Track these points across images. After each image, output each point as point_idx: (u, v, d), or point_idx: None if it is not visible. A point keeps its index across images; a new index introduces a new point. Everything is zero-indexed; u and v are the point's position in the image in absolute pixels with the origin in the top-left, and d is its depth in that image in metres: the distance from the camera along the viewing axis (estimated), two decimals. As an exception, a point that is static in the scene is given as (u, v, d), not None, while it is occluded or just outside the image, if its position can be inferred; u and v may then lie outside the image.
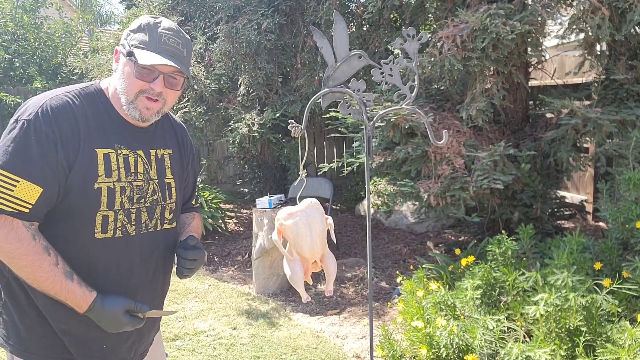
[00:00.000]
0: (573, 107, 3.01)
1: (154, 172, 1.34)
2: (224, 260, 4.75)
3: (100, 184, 1.21)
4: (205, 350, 3.01)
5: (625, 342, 1.92)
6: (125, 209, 1.26)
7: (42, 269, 1.14)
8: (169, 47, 1.23)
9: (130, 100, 1.24)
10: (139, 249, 1.31)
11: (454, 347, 2.28)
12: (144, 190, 1.30)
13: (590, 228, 4.57)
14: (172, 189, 1.39)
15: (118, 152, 1.25)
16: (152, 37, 1.22)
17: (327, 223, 1.44)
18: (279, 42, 5.19)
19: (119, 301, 1.21)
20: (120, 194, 1.24)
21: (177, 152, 1.45)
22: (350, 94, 1.69)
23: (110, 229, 1.24)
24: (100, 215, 1.21)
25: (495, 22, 2.93)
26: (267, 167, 6.25)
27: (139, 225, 1.29)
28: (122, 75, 1.24)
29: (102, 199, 1.21)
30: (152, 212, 1.32)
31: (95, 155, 1.21)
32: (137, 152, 1.30)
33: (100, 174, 1.21)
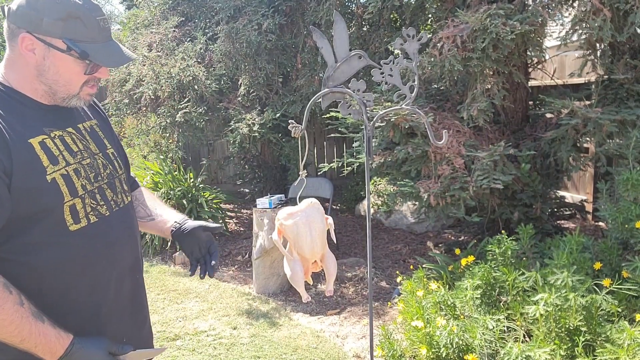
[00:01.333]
0: (573, 107, 3.01)
1: (94, 146, 1.22)
2: (224, 260, 4.75)
3: (52, 175, 1.08)
4: (206, 350, 3.02)
5: (625, 342, 1.93)
6: (89, 191, 1.15)
7: (4, 310, 0.97)
8: (107, 32, 1.14)
9: (74, 93, 1.15)
10: (120, 227, 1.22)
11: (454, 347, 2.29)
12: (95, 167, 1.19)
13: (590, 228, 4.57)
14: (117, 159, 1.30)
15: (51, 135, 1.12)
16: (92, 27, 1.10)
17: (327, 223, 1.45)
18: (279, 42, 5.19)
19: (102, 342, 1.09)
20: (76, 177, 1.12)
21: (102, 120, 1.34)
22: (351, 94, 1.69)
23: (82, 216, 1.12)
24: (67, 206, 1.09)
25: (495, 22, 2.93)
26: (268, 167, 6.26)
27: (108, 204, 1.19)
28: (58, 71, 1.11)
29: (62, 190, 1.08)
30: (113, 187, 1.23)
31: (30, 147, 1.06)
32: (67, 130, 1.17)
33: (47, 165, 1.07)
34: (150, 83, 5.22)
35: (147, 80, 5.26)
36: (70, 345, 1.04)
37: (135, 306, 1.29)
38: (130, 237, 1.26)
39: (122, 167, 1.31)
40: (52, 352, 1.02)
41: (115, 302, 1.20)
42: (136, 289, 1.29)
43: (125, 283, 1.23)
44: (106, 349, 1.08)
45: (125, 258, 1.23)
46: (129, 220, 1.27)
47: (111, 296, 1.19)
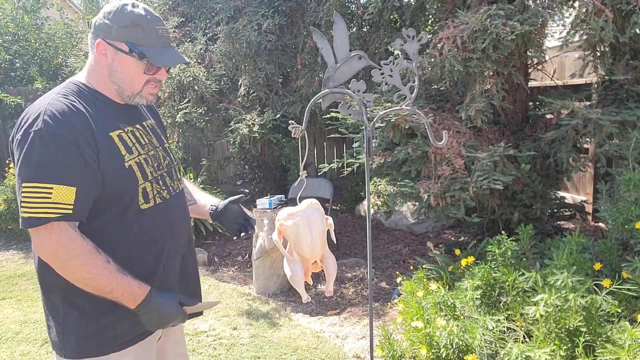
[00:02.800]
0: (573, 107, 3.01)
1: (155, 141, 1.45)
2: (224, 261, 4.75)
3: (129, 162, 1.30)
4: (206, 351, 3.02)
5: (625, 342, 1.93)
6: (155, 177, 1.37)
7: (97, 266, 1.20)
8: (165, 40, 1.34)
9: (137, 91, 1.36)
10: (177, 209, 1.45)
11: (454, 347, 2.29)
12: (157, 158, 1.42)
13: (590, 228, 4.57)
14: (172, 153, 1.53)
15: (125, 129, 1.35)
16: (151, 34, 1.31)
17: (327, 223, 1.45)
18: (279, 42, 5.20)
19: (173, 294, 1.33)
20: (146, 165, 1.35)
21: (158, 121, 1.59)
22: (351, 94, 1.69)
23: (151, 197, 1.35)
24: (141, 188, 1.32)
25: (495, 22, 2.93)
26: (268, 167, 6.26)
27: (168, 189, 1.42)
28: (125, 71, 1.32)
29: (137, 175, 1.31)
30: (171, 175, 1.46)
31: (111, 139, 1.29)
32: (135, 126, 1.40)
33: (124, 154, 1.30)
34: (150, 83, 5.21)
35: (148, 81, 5.25)
36: (149, 293, 1.27)
37: (183, 276, 1.48)
38: (184, 217, 1.49)
39: (176, 160, 1.54)
40: (135, 298, 1.25)
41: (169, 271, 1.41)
42: (185, 262, 1.49)
43: (177, 256, 1.44)
44: (177, 298, 1.32)
45: (181, 235, 1.45)
46: (183, 204, 1.51)
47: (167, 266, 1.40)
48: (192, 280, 1.55)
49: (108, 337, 1.31)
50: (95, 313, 1.29)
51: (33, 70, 7.62)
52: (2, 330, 3.35)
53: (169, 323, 1.31)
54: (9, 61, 7.75)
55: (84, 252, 1.20)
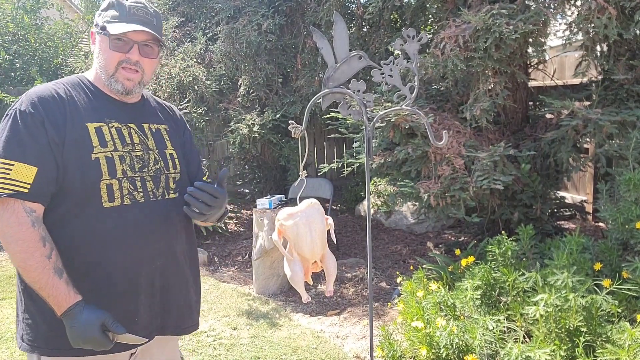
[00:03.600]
0: (573, 107, 3.01)
1: (152, 143, 1.39)
2: (224, 261, 4.75)
3: (97, 154, 1.25)
4: (206, 351, 3.02)
5: (625, 342, 1.92)
6: (129, 176, 1.29)
7: (34, 257, 1.15)
8: (138, 17, 1.30)
9: (111, 73, 1.31)
10: (152, 216, 1.32)
11: (454, 348, 2.29)
12: (144, 160, 1.34)
13: (590, 228, 4.57)
14: (176, 160, 1.43)
15: (109, 125, 1.31)
16: (122, 10, 1.30)
17: (327, 223, 1.45)
18: (279, 42, 5.19)
19: (101, 314, 1.19)
20: (120, 162, 1.28)
21: (174, 127, 1.50)
22: (351, 94, 1.69)
23: (117, 197, 1.27)
24: (104, 184, 1.25)
25: (498, 22, 2.93)
26: (267, 167, 6.26)
27: (145, 193, 1.32)
28: (100, 52, 1.31)
29: (102, 168, 1.25)
30: (157, 180, 1.36)
31: (86, 129, 1.26)
32: (128, 125, 1.35)
33: (95, 145, 1.25)
34: (150, 83, 5.22)
35: (147, 81, 5.25)
36: (73, 306, 1.17)
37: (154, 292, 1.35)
38: (161, 226, 1.35)
39: (178, 168, 1.43)
40: (59, 306, 1.17)
41: (132, 282, 1.29)
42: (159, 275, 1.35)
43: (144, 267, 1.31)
44: (100, 320, 1.18)
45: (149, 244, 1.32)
46: (165, 213, 1.36)
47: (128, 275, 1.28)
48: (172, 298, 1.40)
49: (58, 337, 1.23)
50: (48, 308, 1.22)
51: (33, 71, 7.61)
52: (2, 330, 3.35)
53: (86, 344, 1.18)
54: (9, 61, 7.75)
55: (26, 239, 1.15)
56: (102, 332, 1.18)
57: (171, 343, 1.53)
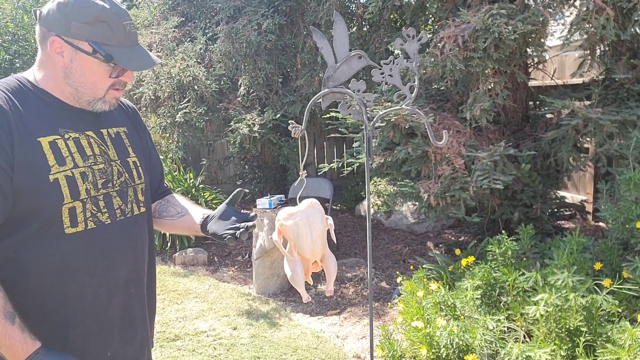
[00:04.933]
0: (574, 107, 3.01)
1: (113, 153, 1.22)
2: (224, 261, 4.75)
3: (55, 175, 1.07)
4: (206, 351, 3.01)
5: (626, 342, 1.92)
6: (92, 196, 1.13)
7: None
8: (133, 38, 1.15)
9: (100, 97, 1.16)
10: (119, 238, 1.18)
11: (454, 347, 2.29)
12: (108, 173, 1.18)
13: (590, 228, 4.57)
14: (139, 168, 1.27)
15: (65, 136, 1.13)
16: (117, 30, 1.11)
17: (327, 223, 1.44)
18: (279, 42, 5.19)
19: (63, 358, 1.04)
20: (82, 180, 1.12)
21: (133, 129, 1.33)
22: (351, 94, 1.69)
23: (80, 221, 1.11)
24: (66, 208, 1.08)
25: (497, 22, 2.93)
26: (267, 167, 6.25)
27: (112, 212, 1.17)
28: (84, 73, 1.12)
29: (63, 191, 1.08)
30: (124, 195, 1.20)
31: (39, 145, 1.07)
32: (86, 133, 1.17)
33: (52, 164, 1.08)
34: (150, 83, 5.22)
35: (147, 81, 5.26)
36: (34, 354, 1.01)
37: (126, 322, 1.22)
38: (130, 248, 1.21)
39: (143, 177, 1.28)
40: (15, 356, 1.00)
41: (102, 314, 1.16)
42: (130, 303, 1.22)
43: (116, 296, 1.18)
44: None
45: (120, 270, 1.18)
46: (134, 231, 1.23)
47: (98, 307, 1.15)
48: (138, 327, 1.27)
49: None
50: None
51: (33, 70, 7.60)
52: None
53: None
54: (8, 61, 7.75)
55: None
56: None
57: None
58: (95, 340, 1.16)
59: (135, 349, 1.26)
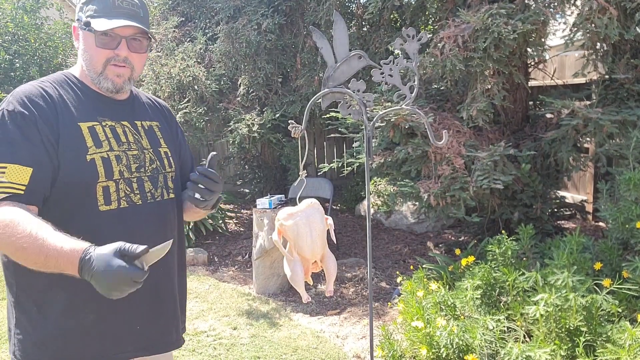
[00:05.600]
0: (574, 107, 3.01)
1: (146, 142, 1.32)
2: (224, 261, 4.75)
3: (92, 155, 1.19)
4: (206, 351, 3.01)
5: (626, 342, 1.92)
6: (126, 178, 1.23)
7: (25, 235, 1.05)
8: (124, 10, 1.23)
9: (99, 71, 1.24)
10: (150, 218, 1.27)
11: (454, 347, 2.28)
12: (141, 159, 1.28)
13: (590, 228, 4.57)
14: (170, 158, 1.37)
15: (103, 123, 1.24)
16: (105, 3, 1.21)
17: (327, 223, 1.44)
18: (278, 42, 5.19)
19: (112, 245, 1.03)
20: (116, 162, 1.22)
21: (166, 124, 1.43)
22: (350, 94, 1.69)
23: (114, 199, 1.21)
24: (101, 186, 1.19)
25: (497, 22, 2.93)
26: (267, 167, 6.25)
27: (143, 194, 1.26)
28: (85, 49, 1.24)
29: (98, 170, 1.19)
30: (155, 180, 1.30)
31: (79, 129, 1.20)
32: (122, 122, 1.29)
33: (90, 146, 1.19)
34: (150, 83, 5.22)
35: (147, 81, 5.26)
36: (84, 253, 1.03)
37: (154, 299, 1.29)
38: (160, 229, 1.29)
39: (174, 166, 1.38)
40: (72, 263, 1.03)
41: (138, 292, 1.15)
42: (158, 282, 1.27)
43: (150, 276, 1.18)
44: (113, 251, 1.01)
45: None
46: (163, 214, 1.31)
47: None
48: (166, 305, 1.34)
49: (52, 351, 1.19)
50: (41, 321, 1.18)
51: (33, 70, 7.61)
52: (2, 330, 3.34)
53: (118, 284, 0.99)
54: (8, 61, 7.75)
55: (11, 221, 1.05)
56: (127, 262, 1.00)
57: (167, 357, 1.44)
58: (126, 314, 1.24)
59: (162, 326, 1.34)
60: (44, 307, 1.19)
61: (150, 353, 1.32)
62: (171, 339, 1.38)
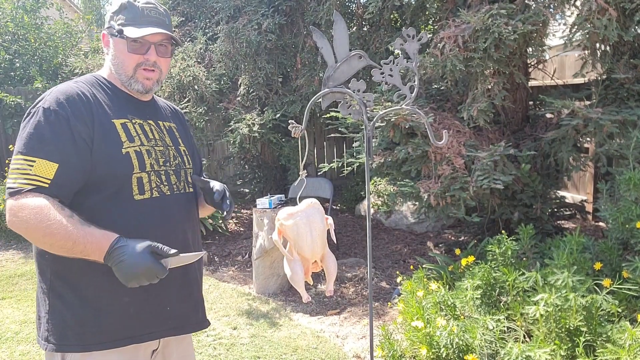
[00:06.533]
0: (574, 107, 3.01)
1: (169, 140, 1.45)
2: (224, 261, 4.75)
3: (127, 149, 1.30)
4: (206, 350, 3.01)
5: (626, 342, 1.92)
6: (156, 170, 1.35)
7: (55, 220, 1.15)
8: (152, 18, 1.35)
9: (130, 75, 1.36)
10: (177, 208, 1.39)
11: (454, 347, 2.29)
12: (166, 155, 1.41)
13: (590, 228, 4.57)
14: (188, 156, 1.51)
15: (133, 121, 1.36)
16: (135, 12, 1.34)
17: (327, 223, 1.44)
18: (279, 42, 5.19)
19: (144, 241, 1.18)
20: (147, 156, 1.34)
21: (182, 127, 1.57)
22: (351, 94, 1.69)
23: (147, 189, 1.32)
24: (135, 177, 1.30)
25: (497, 22, 2.93)
26: (268, 167, 6.25)
27: (170, 186, 1.39)
28: (116, 54, 1.36)
29: (133, 162, 1.30)
30: (179, 175, 1.43)
31: (113, 125, 1.31)
32: (148, 121, 1.41)
33: (124, 140, 1.30)
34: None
35: (147, 80, 5.25)
36: (115, 241, 1.16)
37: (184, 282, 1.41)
38: (186, 218, 1.43)
39: (191, 164, 1.51)
40: (100, 248, 1.16)
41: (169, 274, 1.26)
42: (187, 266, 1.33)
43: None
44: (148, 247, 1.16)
45: (178, 235, 1.38)
46: (188, 205, 1.45)
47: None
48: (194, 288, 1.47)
49: (89, 333, 1.27)
50: (77, 303, 1.26)
51: (33, 70, 7.61)
52: (2, 330, 3.34)
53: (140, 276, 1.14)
54: (8, 61, 7.75)
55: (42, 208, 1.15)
56: (154, 258, 1.15)
57: (187, 340, 1.56)
58: (158, 296, 1.34)
59: (191, 307, 1.45)
60: (81, 290, 1.27)
61: (179, 332, 1.44)
62: (198, 319, 1.49)
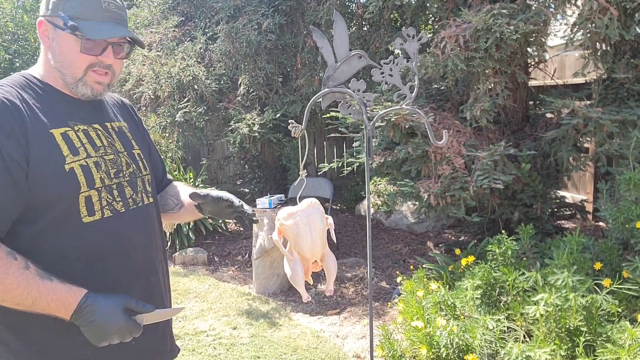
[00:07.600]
0: (574, 106, 3.01)
1: (119, 145, 1.24)
2: (224, 260, 4.75)
3: (71, 164, 1.09)
4: (206, 350, 3.01)
5: (626, 342, 1.92)
6: (107, 185, 1.15)
7: (9, 275, 0.97)
8: (112, 14, 1.13)
9: (79, 77, 1.14)
10: (134, 226, 1.20)
11: (454, 347, 2.28)
12: (118, 164, 1.20)
13: (590, 228, 4.57)
14: (144, 160, 1.30)
15: (75, 128, 1.14)
16: (92, 4, 1.11)
17: (327, 223, 1.44)
18: (279, 42, 5.19)
19: (118, 297, 1.05)
20: (96, 169, 1.13)
21: (133, 124, 1.36)
22: (351, 94, 1.69)
23: (97, 209, 1.12)
24: (83, 197, 1.10)
25: (498, 22, 2.93)
26: (268, 167, 6.25)
27: (125, 201, 1.18)
28: (63, 52, 1.12)
29: (79, 179, 1.09)
30: (134, 185, 1.23)
31: (52, 137, 1.09)
32: (93, 125, 1.19)
33: (66, 154, 1.09)
34: (150, 83, 5.22)
35: (147, 80, 5.26)
36: (84, 298, 1.02)
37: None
38: (145, 236, 1.23)
39: (148, 169, 1.31)
40: (66, 306, 1.01)
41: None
42: (150, 292, 1.23)
43: (136, 283, 1.20)
44: (121, 304, 1.04)
45: (138, 258, 1.20)
46: (147, 221, 1.25)
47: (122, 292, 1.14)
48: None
49: None
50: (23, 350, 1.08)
51: (33, 70, 7.61)
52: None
53: (113, 335, 1.02)
54: (8, 61, 7.74)
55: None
56: (128, 316, 1.04)
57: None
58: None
59: (158, 338, 1.29)
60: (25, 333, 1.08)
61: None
62: (166, 349, 1.34)
